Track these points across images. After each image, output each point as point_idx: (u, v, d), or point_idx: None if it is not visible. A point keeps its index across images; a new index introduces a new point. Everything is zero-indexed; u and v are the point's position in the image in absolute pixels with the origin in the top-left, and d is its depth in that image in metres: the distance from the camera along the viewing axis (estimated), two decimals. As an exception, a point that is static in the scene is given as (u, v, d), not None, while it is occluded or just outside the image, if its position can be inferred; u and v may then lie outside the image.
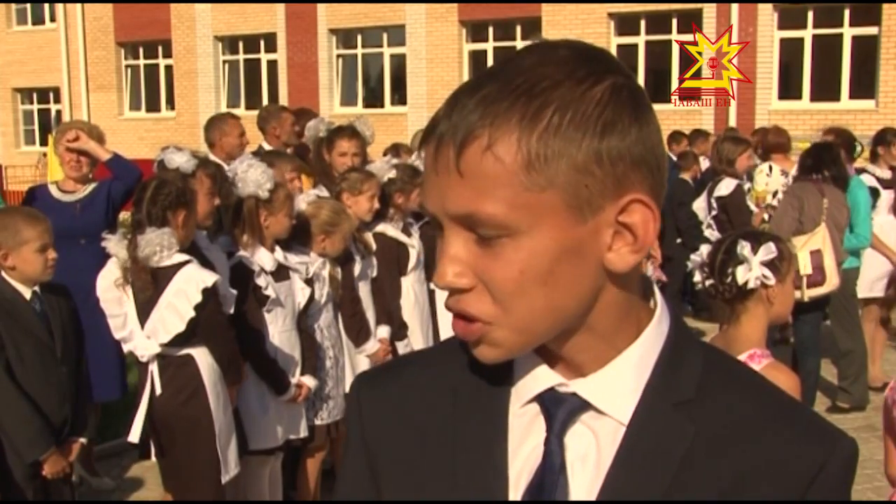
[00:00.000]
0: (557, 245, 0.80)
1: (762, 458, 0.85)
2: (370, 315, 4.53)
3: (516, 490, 0.88)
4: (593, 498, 0.86)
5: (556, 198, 0.79)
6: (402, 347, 4.66)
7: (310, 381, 3.99)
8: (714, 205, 6.58)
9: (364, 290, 4.53)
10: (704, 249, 2.64)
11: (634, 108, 0.82)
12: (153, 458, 3.61)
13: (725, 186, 6.52)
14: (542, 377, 0.89)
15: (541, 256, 0.80)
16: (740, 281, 2.48)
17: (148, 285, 3.38)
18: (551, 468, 0.87)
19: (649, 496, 0.84)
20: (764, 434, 0.86)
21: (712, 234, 6.37)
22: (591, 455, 0.87)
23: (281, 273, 3.93)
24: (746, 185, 6.67)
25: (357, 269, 4.41)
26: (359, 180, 4.50)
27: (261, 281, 3.83)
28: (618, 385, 0.87)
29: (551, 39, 0.86)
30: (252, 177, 3.84)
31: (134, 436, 3.45)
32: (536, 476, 0.87)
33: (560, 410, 0.88)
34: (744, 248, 2.49)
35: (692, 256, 2.70)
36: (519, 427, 0.90)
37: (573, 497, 0.86)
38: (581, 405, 0.87)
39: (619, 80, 0.82)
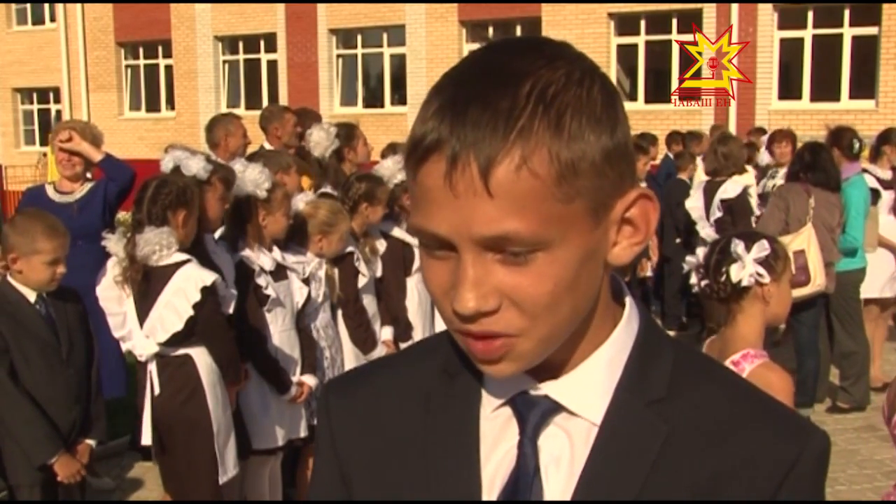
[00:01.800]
0: (582, 251, 0.79)
1: (735, 456, 0.85)
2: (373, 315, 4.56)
3: (490, 494, 0.88)
4: (568, 498, 0.85)
5: (581, 206, 0.78)
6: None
7: (310, 380, 3.99)
8: (719, 206, 6.55)
9: (369, 293, 4.55)
10: (700, 252, 2.65)
11: (621, 104, 0.82)
12: (152, 459, 3.60)
13: (732, 189, 6.49)
14: (513, 380, 0.87)
15: (571, 266, 0.79)
16: (734, 279, 2.49)
17: (136, 284, 3.38)
18: (525, 471, 0.86)
19: (623, 496, 0.84)
20: (736, 431, 0.86)
21: (709, 234, 6.37)
22: (564, 456, 0.87)
23: (279, 273, 3.94)
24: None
25: (362, 281, 4.42)
26: (376, 189, 4.52)
27: (261, 281, 3.84)
28: (589, 386, 0.87)
29: (516, 37, 0.84)
30: (250, 176, 3.84)
31: (146, 438, 3.44)
32: (510, 479, 0.87)
33: (532, 413, 0.87)
34: (737, 246, 2.50)
35: (688, 258, 2.71)
36: (491, 431, 0.89)
37: (549, 498, 0.86)
38: (553, 407, 0.87)
39: (602, 76, 0.82)
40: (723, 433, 0.86)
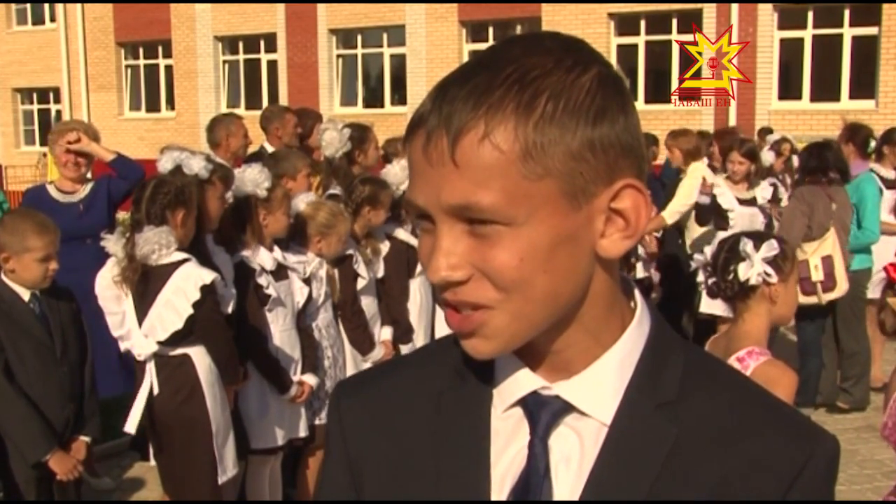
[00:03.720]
0: (555, 233, 0.80)
1: (744, 459, 0.85)
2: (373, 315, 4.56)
3: (500, 493, 0.88)
4: (577, 498, 0.86)
5: (552, 186, 0.79)
6: (405, 350, 4.66)
7: (311, 380, 3.99)
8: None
9: (369, 294, 4.55)
10: (708, 250, 2.66)
11: (621, 97, 0.83)
12: (152, 460, 3.60)
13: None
14: (524, 381, 0.89)
15: (539, 244, 0.80)
16: (742, 277, 2.50)
17: (134, 283, 3.38)
18: (536, 471, 0.87)
19: (632, 497, 0.84)
20: (746, 434, 0.86)
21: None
22: (574, 456, 0.87)
23: (280, 272, 3.94)
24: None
25: (361, 283, 4.42)
26: (380, 192, 4.53)
27: (262, 280, 3.84)
28: (600, 386, 0.87)
29: (533, 31, 0.86)
30: (250, 176, 3.84)
31: (130, 426, 3.41)
32: (521, 479, 0.87)
33: (543, 413, 0.88)
34: (746, 244, 2.51)
35: (695, 256, 2.72)
36: (503, 431, 0.90)
37: (558, 498, 0.86)
38: (564, 407, 0.87)
39: (604, 70, 0.83)
40: (732, 436, 0.86)
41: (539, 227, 0.79)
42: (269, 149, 5.90)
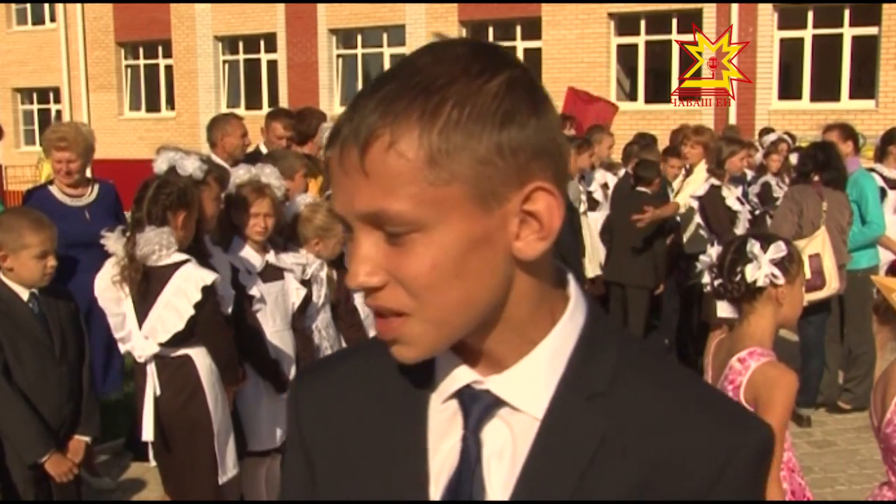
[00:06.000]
0: (466, 237, 0.81)
1: (674, 447, 0.86)
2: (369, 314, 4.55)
3: (437, 486, 0.89)
4: (510, 492, 0.87)
5: (460, 191, 0.80)
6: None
7: (307, 382, 3.98)
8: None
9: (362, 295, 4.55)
10: (713, 251, 2.65)
11: (531, 100, 0.83)
12: (151, 460, 3.59)
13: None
14: (459, 374, 0.90)
15: (451, 249, 0.81)
16: (749, 279, 2.49)
17: (136, 284, 3.38)
18: (467, 464, 0.88)
19: (563, 489, 0.85)
20: (676, 424, 0.87)
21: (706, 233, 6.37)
22: (507, 450, 0.88)
23: (275, 273, 3.93)
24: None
25: None
26: None
27: (242, 280, 3.80)
28: (531, 380, 0.88)
29: (447, 38, 0.87)
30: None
31: (147, 434, 3.43)
32: (455, 472, 0.88)
33: (475, 407, 0.89)
34: (753, 246, 2.51)
35: (701, 258, 2.71)
36: (440, 423, 0.91)
37: (490, 492, 0.87)
38: (495, 402, 0.88)
39: (515, 74, 0.83)
40: (662, 426, 0.87)
41: (450, 232, 0.81)
42: (265, 150, 5.88)
